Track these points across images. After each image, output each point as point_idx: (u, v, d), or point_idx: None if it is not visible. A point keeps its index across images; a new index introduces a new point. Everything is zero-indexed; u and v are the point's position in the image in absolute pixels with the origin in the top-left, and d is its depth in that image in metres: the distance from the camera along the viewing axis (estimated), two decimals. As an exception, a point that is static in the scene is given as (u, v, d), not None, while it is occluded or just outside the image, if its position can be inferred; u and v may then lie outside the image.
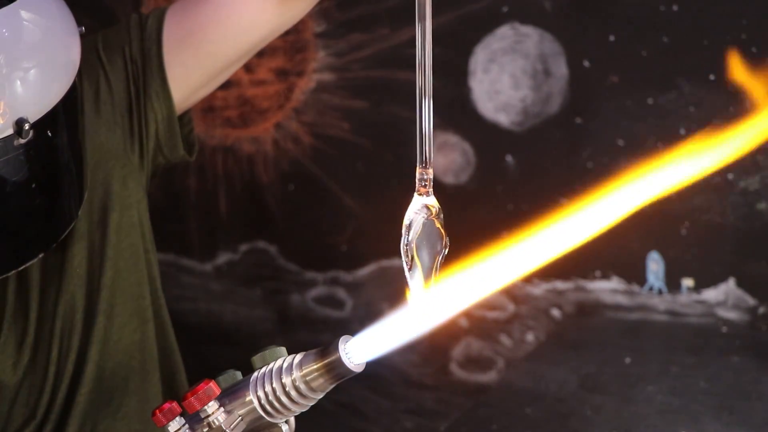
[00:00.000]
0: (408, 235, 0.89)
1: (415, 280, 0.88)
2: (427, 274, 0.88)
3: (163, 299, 1.32)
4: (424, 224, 0.89)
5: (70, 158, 1.14)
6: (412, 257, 0.88)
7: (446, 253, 0.90)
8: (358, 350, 0.83)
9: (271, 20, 1.24)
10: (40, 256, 1.13)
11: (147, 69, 1.25)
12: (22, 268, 1.13)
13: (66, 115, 1.10)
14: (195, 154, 1.33)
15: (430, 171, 0.90)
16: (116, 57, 1.26)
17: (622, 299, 1.93)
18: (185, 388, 1.33)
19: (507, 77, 1.95)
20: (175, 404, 0.87)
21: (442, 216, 0.91)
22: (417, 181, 0.90)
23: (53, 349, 1.21)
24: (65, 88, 1.08)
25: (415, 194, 0.90)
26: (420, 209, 0.90)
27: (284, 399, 0.84)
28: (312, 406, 0.86)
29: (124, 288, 1.25)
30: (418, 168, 0.90)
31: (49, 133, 1.07)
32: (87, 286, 1.23)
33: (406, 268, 0.88)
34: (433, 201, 0.90)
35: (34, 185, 1.07)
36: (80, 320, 1.22)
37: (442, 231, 0.90)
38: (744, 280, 1.84)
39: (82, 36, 1.15)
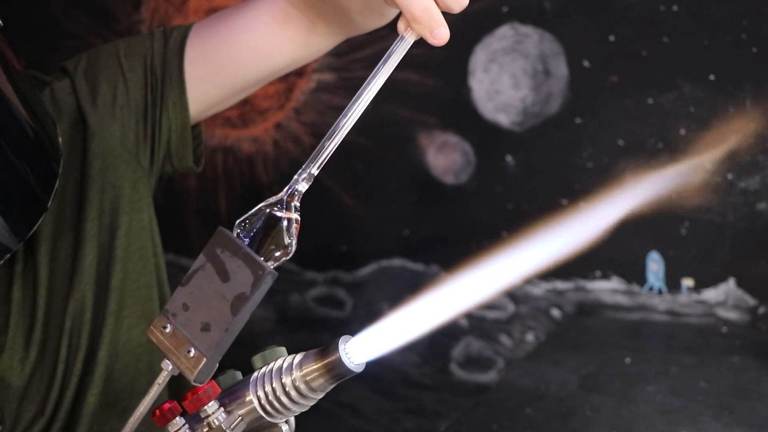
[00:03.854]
0: (247, 219, 0.89)
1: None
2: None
3: None
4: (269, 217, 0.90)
5: (17, 153, 1.11)
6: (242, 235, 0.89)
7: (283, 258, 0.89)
8: (358, 350, 0.83)
9: (295, 50, 1.26)
10: (6, 257, 1.11)
11: (166, 79, 1.27)
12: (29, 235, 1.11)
13: None
14: (202, 166, 1.35)
15: (307, 184, 0.91)
16: (137, 64, 1.28)
17: (622, 299, 1.93)
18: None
19: (507, 77, 1.95)
20: (175, 404, 0.87)
21: (291, 218, 0.90)
22: (288, 186, 0.91)
23: (62, 348, 1.22)
24: None
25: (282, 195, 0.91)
26: (273, 202, 0.90)
27: (284, 399, 0.84)
28: (312, 406, 0.86)
29: (133, 290, 1.26)
30: (299, 173, 0.91)
31: None
32: (96, 286, 1.23)
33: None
34: (296, 203, 0.91)
35: None
36: (89, 320, 1.23)
37: (288, 234, 0.90)
38: (744, 280, 1.84)
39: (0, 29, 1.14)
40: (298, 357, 0.85)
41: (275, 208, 0.91)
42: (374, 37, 2.06)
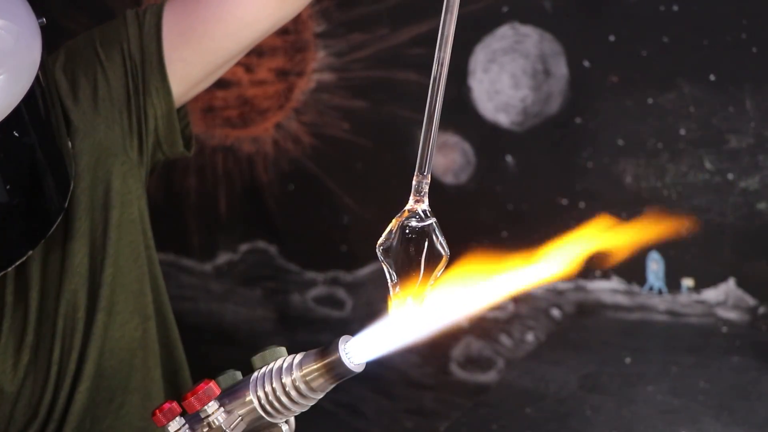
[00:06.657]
0: (386, 241, 0.89)
1: (394, 288, 0.88)
2: (413, 283, 0.88)
3: (166, 296, 1.32)
4: (404, 230, 0.89)
5: (46, 153, 1.12)
6: (390, 265, 0.88)
7: (443, 264, 0.89)
8: (358, 350, 0.83)
9: (272, 14, 1.24)
10: (29, 254, 1.12)
11: (146, 65, 1.25)
12: (10, 268, 1.12)
13: (31, 111, 1.08)
14: (193, 149, 1.33)
15: (427, 181, 0.90)
16: (114, 53, 1.26)
17: (622, 299, 1.93)
18: (188, 385, 1.33)
19: (507, 77, 1.95)
20: (175, 404, 0.87)
21: (434, 224, 0.90)
22: (413, 189, 0.90)
23: (55, 349, 1.21)
24: (27, 87, 1.06)
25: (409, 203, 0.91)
26: (404, 215, 0.90)
27: (284, 399, 0.84)
28: (312, 406, 0.86)
29: (125, 285, 1.25)
30: (416, 175, 0.90)
31: (16, 134, 1.05)
32: (89, 284, 1.23)
33: (387, 275, 0.88)
34: (424, 207, 0.90)
35: (9, 186, 1.06)
36: (82, 318, 1.22)
37: (438, 240, 0.89)
38: (744, 280, 1.84)
39: (43, 28, 1.13)
40: (298, 357, 0.85)
41: (412, 221, 0.90)
42: (374, 37, 2.07)
